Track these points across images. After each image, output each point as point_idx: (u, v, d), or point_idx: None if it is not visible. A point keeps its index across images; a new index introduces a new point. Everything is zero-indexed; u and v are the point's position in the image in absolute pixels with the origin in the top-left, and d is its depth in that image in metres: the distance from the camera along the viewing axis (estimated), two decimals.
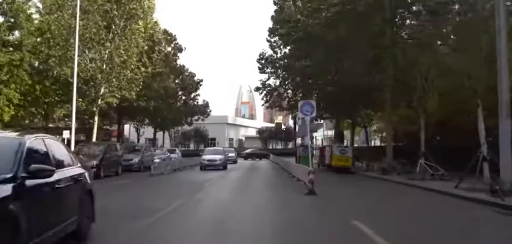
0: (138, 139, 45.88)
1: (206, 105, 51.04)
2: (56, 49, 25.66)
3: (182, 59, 47.51)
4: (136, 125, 43.84)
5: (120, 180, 20.23)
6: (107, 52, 27.13)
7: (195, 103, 49.11)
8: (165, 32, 43.22)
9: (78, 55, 26.37)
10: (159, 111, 37.75)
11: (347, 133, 51.61)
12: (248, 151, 58.02)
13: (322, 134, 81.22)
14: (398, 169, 23.01)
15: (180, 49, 44.83)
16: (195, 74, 47.34)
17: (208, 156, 30.23)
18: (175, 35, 44.23)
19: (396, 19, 25.13)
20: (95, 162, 20.97)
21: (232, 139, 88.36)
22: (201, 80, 47.37)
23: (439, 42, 23.79)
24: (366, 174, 24.77)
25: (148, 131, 48.83)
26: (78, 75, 26.21)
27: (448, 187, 14.84)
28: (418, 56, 21.26)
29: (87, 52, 27.54)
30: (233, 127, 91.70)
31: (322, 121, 62.13)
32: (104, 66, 27.17)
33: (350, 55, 22.45)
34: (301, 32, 23.78)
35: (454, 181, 17.20)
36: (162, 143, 56.25)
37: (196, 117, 50.20)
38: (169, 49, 43.92)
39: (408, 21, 25.91)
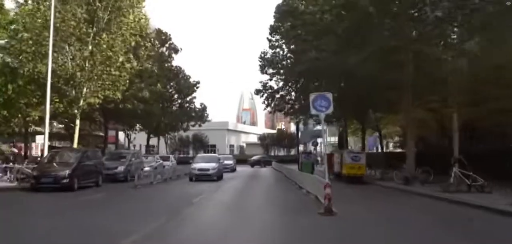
0: (129, 145, 42.73)
1: (203, 109, 47.84)
2: (28, 44, 22.56)
3: (183, 65, 44.31)
4: (126, 130, 40.58)
5: (95, 193, 17.09)
6: (89, 47, 24.07)
7: (192, 107, 45.91)
8: (159, 31, 40.29)
9: (55, 51, 23.45)
10: (151, 114, 34.55)
11: (350, 139, 48.34)
12: (255, 158, 56.03)
13: (325, 140, 78.01)
14: (421, 178, 19.89)
15: (175, 50, 41.75)
16: (190, 76, 44.13)
17: (199, 164, 25.47)
18: (169, 35, 41.16)
19: (413, 11, 21.95)
20: (67, 172, 17.87)
21: (233, 145, 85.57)
22: (198, 82, 44.18)
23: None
24: (383, 184, 21.54)
25: (142, 137, 45.75)
26: (56, 73, 23.29)
27: (498, 202, 11.69)
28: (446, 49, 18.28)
29: (67, 48, 24.50)
30: (234, 133, 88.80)
31: (325, 126, 58.95)
32: (87, 64, 24.11)
33: (363, 48, 19.32)
34: (309, 25, 20.66)
35: (497, 193, 14.14)
36: (157, 150, 53.25)
37: (193, 123, 46.97)
38: (164, 49, 40.93)
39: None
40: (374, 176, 26.36)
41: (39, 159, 23.66)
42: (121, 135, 46.69)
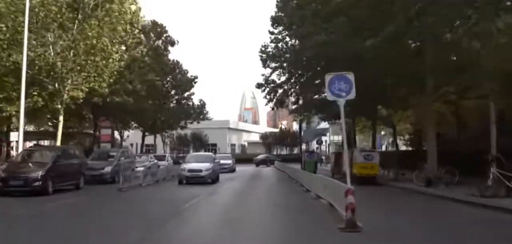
0: (121, 144, 40.36)
1: (202, 105, 45.40)
2: (2, 30, 20.18)
3: (182, 63, 41.62)
4: (120, 128, 38.14)
5: (70, 198, 14.76)
6: (73, 34, 21.72)
7: (189, 103, 43.45)
8: (155, 23, 37.93)
9: (35, 39, 21.17)
10: (144, 110, 32.12)
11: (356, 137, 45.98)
12: (260, 157, 54.94)
13: (328, 139, 76.00)
14: (445, 179, 17.48)
15: (171, 43, 39.25)
16: (187, 71, 41.63)
17: (190, 164, 21.91)
18: (165, 27, 38.75)
19: None
20: (39, 173, 15.51)
21: (234, 144, 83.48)
22: (196, 77, 41.66)
23: None
24: (401, 186, 19.14)
25: (139, 136, 43.39)
26: (36, 64, 21.00)
27: None
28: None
29: (48, 36, 22.20)
30: (235, 132, 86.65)
31: (327, 123, 56.66)
32: (71, 54, 21.79)
33: (379, 31, 16.91)
34: (318, 3, 18.22)
35: None
36: (155, 149, 50.96)
37: (191, 120, 44.54)
38: (159, 42, 38.53)
39: None
40: (387, 177, 24.01)
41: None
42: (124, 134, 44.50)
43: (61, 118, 22.92)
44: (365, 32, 17.01)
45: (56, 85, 21.95)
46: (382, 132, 51.25)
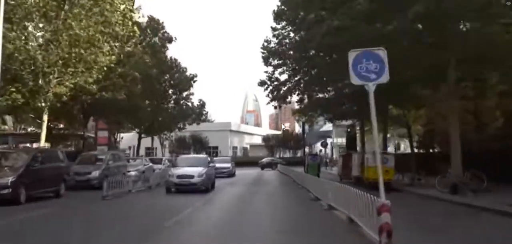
0: (116, 146, 38.33)
1: (202, 105, 43.34)
2: None
3: (182, 63, 39.55)
4: (114, 129, 36.13)
5: (42, 208, 12.74)
6: (58, 24, 19.77)
7: (189, 104, 41.41)
8: (151, 19, 36.01)
9: (14, 30, 19.23)
10: (139, 109, 30.08)
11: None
12: (265, 160, 53.81)
13: (332, 141, 73.93)
14: (472, 186, 15.45)
15: (169, 40, 37.26)
16: (186, 69, 39.54)
17: (180, 169, 18.62)
18: (163, 23, 36.78)
19: None
20: (10, 180, 13.52)
21: (236, 147, 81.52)
22: (195, 76, 39.61)
23: None
24: (420, 192, 17.12)
25: (136, 139, 41.42)
26: (14, 58, 19.07)
27: None
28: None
29: (32, 28, 20.29)
30: (237, 134, 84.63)
31: (330, 124, 54.58)
32: (56, 48, 19.83)
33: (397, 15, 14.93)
34: None
35: None
36: (155, 152, 49.11)
37: (190, 121, 42.48)
38: (156, 39, 36.57)
39: None
40: (402, 181, 21.97)
41: None
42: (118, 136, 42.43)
43: (45, 117, 20.97)
44: (386, 13, 15.03)
45: (40, 81, 20.03)
46: (388, 134, 49.14)
